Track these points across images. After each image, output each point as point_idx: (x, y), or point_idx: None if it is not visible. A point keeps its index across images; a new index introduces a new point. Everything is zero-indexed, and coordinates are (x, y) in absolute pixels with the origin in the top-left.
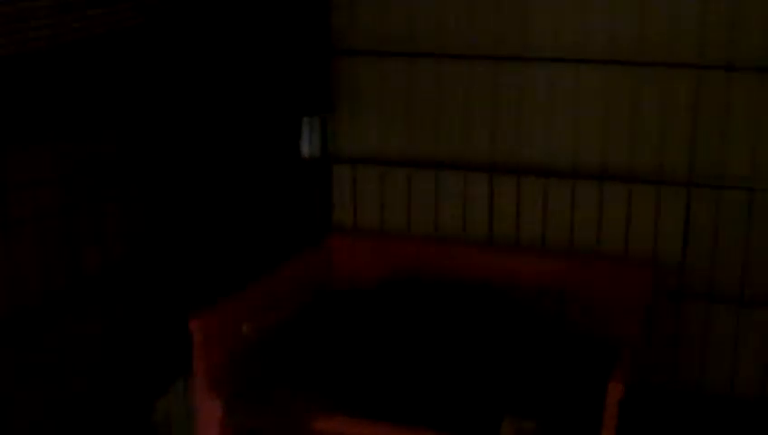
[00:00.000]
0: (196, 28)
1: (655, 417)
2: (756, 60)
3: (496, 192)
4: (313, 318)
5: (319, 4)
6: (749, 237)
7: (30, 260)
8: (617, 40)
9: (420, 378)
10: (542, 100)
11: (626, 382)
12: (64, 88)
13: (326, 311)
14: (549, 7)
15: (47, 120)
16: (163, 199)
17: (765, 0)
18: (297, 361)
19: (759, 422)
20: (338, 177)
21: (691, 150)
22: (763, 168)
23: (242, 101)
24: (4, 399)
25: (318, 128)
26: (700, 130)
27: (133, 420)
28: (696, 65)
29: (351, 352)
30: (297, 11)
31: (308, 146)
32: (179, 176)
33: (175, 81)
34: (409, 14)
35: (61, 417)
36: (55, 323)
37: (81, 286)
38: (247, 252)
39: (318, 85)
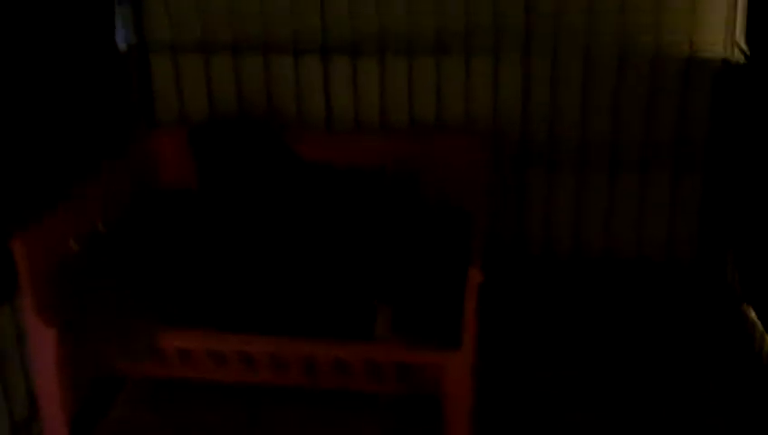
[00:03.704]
0: None
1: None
2: None
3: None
4: (145, 221)
5: None
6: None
7: None
8: None
9: (278, 277)
10: None
11: (480, 254)
12: None
13: (158, 211)
14: None
15: None
16: None
17: None
18: (130, 273)
19: (605, 280)
20: (157, 66)
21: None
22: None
23: None
24: None
25: (131, 16)
26: None
27: None
28: None
29: (193, 254)
30: None
31: (123, 35)
32: None
33: None
34: None
35: None
36: None
37: None
38: (64, 154)
39: None
